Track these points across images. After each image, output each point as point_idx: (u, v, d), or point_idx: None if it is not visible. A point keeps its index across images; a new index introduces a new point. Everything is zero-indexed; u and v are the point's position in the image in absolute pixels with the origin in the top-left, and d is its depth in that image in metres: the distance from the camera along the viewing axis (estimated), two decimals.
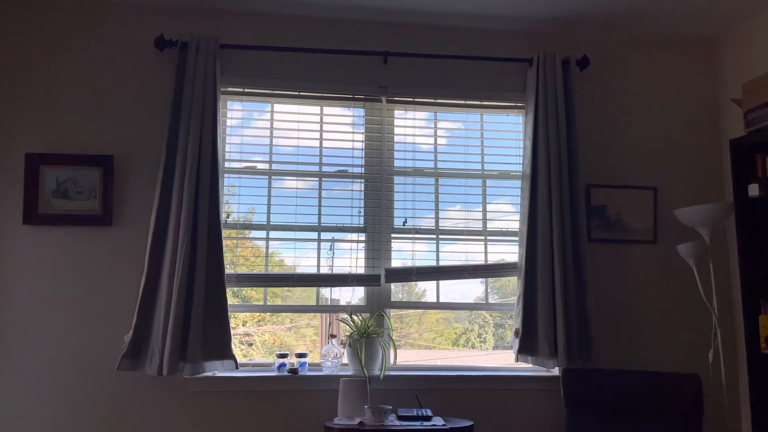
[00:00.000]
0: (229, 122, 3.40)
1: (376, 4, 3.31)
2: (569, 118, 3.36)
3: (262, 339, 3.89)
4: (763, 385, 2.88)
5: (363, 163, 3.45)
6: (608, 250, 3.45)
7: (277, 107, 3.46)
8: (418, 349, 3.86)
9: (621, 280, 3.45)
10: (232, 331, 3.09)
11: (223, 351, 3.03)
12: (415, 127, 3.52)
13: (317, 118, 3.47)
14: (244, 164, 3.39)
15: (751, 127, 2.98)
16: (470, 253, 3.45)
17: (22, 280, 3.10)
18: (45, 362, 3.05)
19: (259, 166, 3.41)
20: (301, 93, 3.42)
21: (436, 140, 3.54)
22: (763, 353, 2.88)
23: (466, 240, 3.47)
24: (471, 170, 3.53)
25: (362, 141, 3.47)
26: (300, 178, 3.42)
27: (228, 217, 3.32)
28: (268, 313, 3.73)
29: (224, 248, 3.12)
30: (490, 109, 3.58)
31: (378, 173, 3.44)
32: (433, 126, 3.56)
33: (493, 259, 3.48)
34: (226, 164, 3.35)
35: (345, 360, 3.23)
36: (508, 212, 3.53)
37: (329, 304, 3.50)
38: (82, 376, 3.06)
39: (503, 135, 3.58)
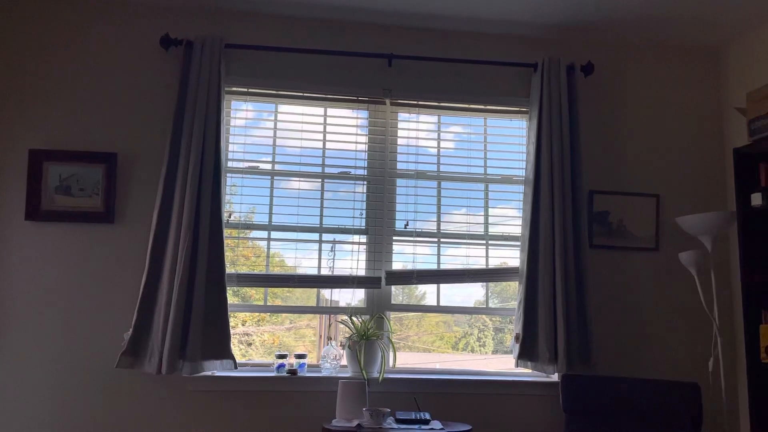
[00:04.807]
0: (232, 122, 3.41)
1: (381, 7, 3.32)
2: (573, 124, 3.36)
3: (262, 339, 3.89)
4: (763, 394, 2.87)
5: (366, 165, 3.45)
6: (610, 257, 3.45)
7: (281, 108, 3.46)
8: (418, 352, 3.85)
9: (622, 287, 3.45)
10: (232, 331, 3.10)
11: (222, 350, 3.03)
12: (418, 130, 3.52)
13: (321, 120, 3.47)
14: (247, 164, 3.39)
15: (754, 137, 2.98)
16: (471, 257, 3.45)
17: (23, 276, 3.10)
18: (44, 358, 3.06)
19: (262, 166, 3.41)
20: (305, 94, 3.42)
21: (439, 143, 3.54)
22: (763, 363, 2.87)
23: (468, 244, 3.47)
24: (473, 174, 3.52)
25: (365, 143, 3.47)
26: (302, 179, 3.42)
27: (230, 217, 3.32)
28: (268, 313, 3.72)
29: (225, 248, 3.13)
30: (493, 114, 3.58)
31: (380, 175, 3.45)
32: (436, 129, 3.56)
33: (494, 263, 3.48)
34: (229, 164, 3.35)
35: (344, 362, 3.23)
36: (510, 217, 3.53)
37: (329, 305, 3.50)
38: (81, 372, 3.06)
39: (507, 139, 3.58)
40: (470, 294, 3.57)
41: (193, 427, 3.09)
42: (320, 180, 3.43)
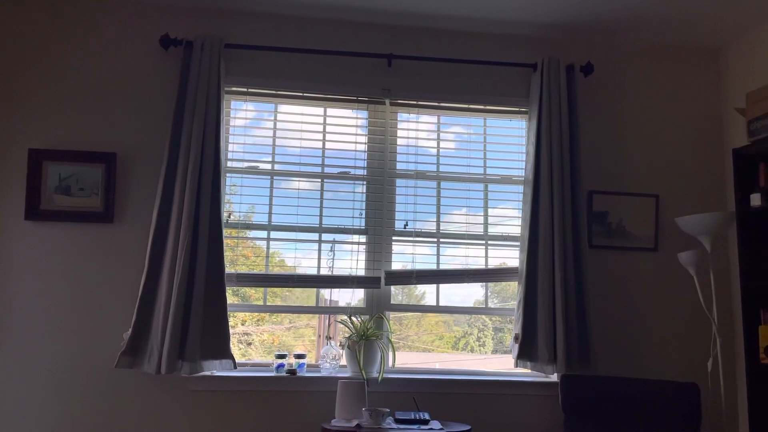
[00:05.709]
0: (232, 122, 3.41)
1: (381, 7, 3.32)
2: (572, 124, 3.36)
3: (261, 339, 3.89)
4: (762, 395, 2.88)
5: (365, 165, 3.45)
6: (609, 257, 3.45)
7: (281, 108, 3.46)
8: (417, 352, 3.86)
9: (621, 287, 3.45)
10: (231, 331, 3.10)
11: (222, 350, 3.03)
12: (418, 130, 3.52)
13: (321, 120, 3.47)
14: (246, 164, 3.39)
15: (754, 137, 2.98)
16: (471, 257, 3.45)
17: (22, 276, 3.10)
18: (44, 357, 3.06)
19: (262, 166, 3.41)
20: (305, 94, 3.42)
21: (438, 143, 3.54)
22: (762, 363, 2.88)
23: (467, 244, 3.47)
24: (473, 174, 3.52)
25: (365, 143, 3.47)
26: (302, 179, 3.42)
27: (229, 216, 3.32)
28: (268, 313, 3.73)
29: (225, 247, 3.13)
30: (493, 114, 3.58)
31: (380, 175, 3.45)
32: (436, 129, 3.56)
33: (493, 263, 3.48)
34: (229, 164, 3.35)
35: (343, 361, 3.23)
36: (509, 217, 3.53)
37: (329, 305, 3.50)
38: (80, 372, 3.06)
39: (506, 140, 3.58)
40: (470, 294, 3.57)
41: (193, 427, 3.09)
42: (320, 180, 3.43)
